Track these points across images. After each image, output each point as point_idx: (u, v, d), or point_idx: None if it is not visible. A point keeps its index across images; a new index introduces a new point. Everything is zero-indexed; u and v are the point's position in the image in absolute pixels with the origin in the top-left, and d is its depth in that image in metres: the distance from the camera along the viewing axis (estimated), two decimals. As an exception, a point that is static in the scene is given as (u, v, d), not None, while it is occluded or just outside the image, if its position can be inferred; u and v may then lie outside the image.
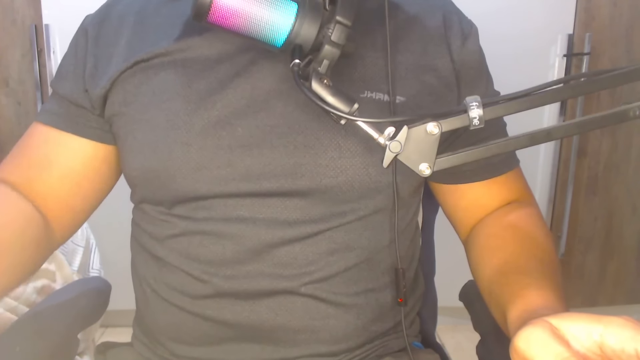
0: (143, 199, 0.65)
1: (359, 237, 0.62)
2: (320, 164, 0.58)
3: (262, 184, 0.58)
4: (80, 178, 0.65)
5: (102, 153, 0.65)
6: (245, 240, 0.59)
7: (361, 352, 0.65)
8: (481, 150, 0.48)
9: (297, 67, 0.49)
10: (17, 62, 1.62)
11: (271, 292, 0.60)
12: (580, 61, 1.72)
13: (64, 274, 1.13)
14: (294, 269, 0.60)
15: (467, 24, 0.66)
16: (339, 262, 0.61)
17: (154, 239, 0.64)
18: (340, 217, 0.60)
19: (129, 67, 0.61)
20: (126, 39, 0.63)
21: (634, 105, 0.45)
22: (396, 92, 0.60)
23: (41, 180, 0.63)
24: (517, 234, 0.61)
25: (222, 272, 0.60)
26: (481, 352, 0.70)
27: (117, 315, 1.30)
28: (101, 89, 0.61)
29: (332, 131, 0.58)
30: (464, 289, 0.75)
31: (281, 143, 0.58)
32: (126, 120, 0.61)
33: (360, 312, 0.63)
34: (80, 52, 0.64)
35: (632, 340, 0.34)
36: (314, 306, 0.61)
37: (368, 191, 0.60)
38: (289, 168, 0.58)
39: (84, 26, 0.66)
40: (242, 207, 0.59)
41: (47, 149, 0.64)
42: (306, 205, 0.59)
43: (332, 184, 0.58)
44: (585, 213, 1.86)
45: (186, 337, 0.64)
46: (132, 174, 0.62)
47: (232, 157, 0.58)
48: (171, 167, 0.58)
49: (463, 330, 1.09)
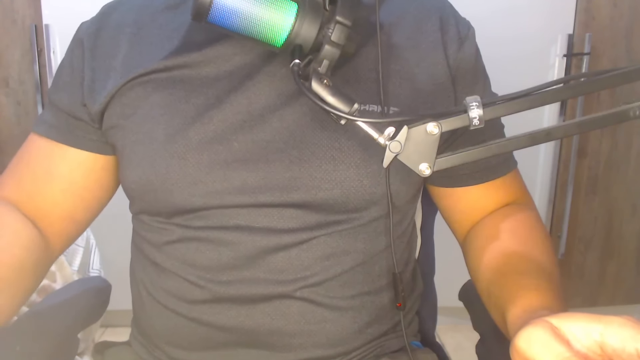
0: (141, 210, 0.65)
1: (355, 241, 0.62)
2: (315, 177, 0.58)
3: (258, 197, 0.58)
4: (82, 190, 0.65)
5: (101, 164, 0.65)
6: (241, 247, 0.59)
7: (358, 354, 0.65)
8: (481, 150, 0.48)
9: (297, 67, 0.49)
10: (17, 62, 1.62)
11: (267, 297, 0.60)
12: (580, 61, 1.72)
13: (64, 274, 1.13)
14: (289, 274, 0.60)
15: (464, 27, 0.65)
16: (335, 266, 0.61)
17: (152, 246, 0.64)
18: (336, 225, 0.60)
19: (127, 81, 0.61)
20: (124, 52, 0.62)
21: (634, 105, 0.45)
22: (390, 102, 0.60)
23: (43, 195, 0.64)
24: (515, 236, 0.61)
25: (218, 278, 0.60)
26: (481, 351, 0.70)
27: (117, 315, 1.30)
28: (99, 105, 0.61)
29: (327, 144, 0.58)
30: (464, 289, 0.74)
31: (277, 157, 0.58)
32: (124, 134, 0.61)
33: (356, 315, 0.63)
34: (76, 63, 0.64)
35: (632, 340, 0.34)
36: (309, 310, 0.61)
37: (363, 202, 0.60)
38: (285, 182, 0.58)
39: (79, 36, 0.65)
40: (238, 217, 0.59)
41: (48, 163, 0.64)
42: (302, 214, 0.59)
43: (327, 197, 0.58)
44: (585, 213, 1.86)
45: (183, 341, 0.64)
46: (131, 187, 0.62)
47: (228, 172, 0.58)
48: (168, 181, 0.58)
49: (463, 330, 1.09)
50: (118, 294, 0.85)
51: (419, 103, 0.61)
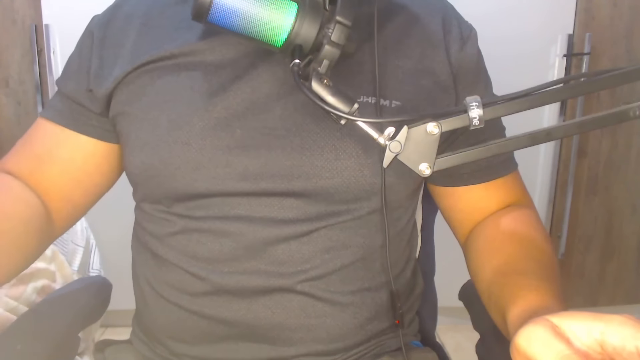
0: (144, 197, 0.66)
1: (355, 235, 0.62)
2: (316, 165, 0.58)
3: (259, 184, 0.59)
4: (80, 173, 0.67)
5: (102, 150, 0.67)
6: (242, 238, 0.60)
7: (358, 351, 0.65)
8: (481, 150, 0.48)
9: (297, 67, 0.49)
10: (17, 62, 1.62)
11: (267, 289, 0.60)
12: (580, 61, 1.72)
13: (64, 274, 1.13)
14: (290, 266, 0.60)
15: (466, 28, 0.66)
16: (335, 260, 0.61)
17: (154, 238, 0.65)
18: (336, 216, 0.61)
19: (134, 68, 0.62)
20: (132, 40, 0.64)
21: (634, 105, 0.45)
22: (392, 96, 0.60)
23: (43, 172, 0.66)
24: (515, 236, 0.61)
25: (219, 269, 0.61)
26: (481, 351, 0.70)
27: (117, 315, 1.30)
28: (106, 89, 0.63)
29: (329, 133, 0.59)
30: (464, 289, 0.75)
31: (279, 145, 0.59)
32: (130, 120, 0.62)
33: (356, 311, 0.63)
34: (84, 52, 0.66)
35: (633, 338, 0.34)
36: (310, 304, 0.61)
37: (363, 192, 0.60)
38: (286, 169, 0.59)
39: (90, 28, 0.67)
40: (239, 206, 0.60)
41: (50, 144, 0.66)
42: (302, 204, 0.60)
43: (327, 185, 0.59)
44: (585, 213, 1.86)
45: (185, 335, 0.65)
46: (134, 172, 0.63)
47: (230, 158, 0.59)
48: (171, 165, 0.59)
49: (463, 330, 1.09)
50: (118, 294, 0.85)
51: (421, 99, 0.62)
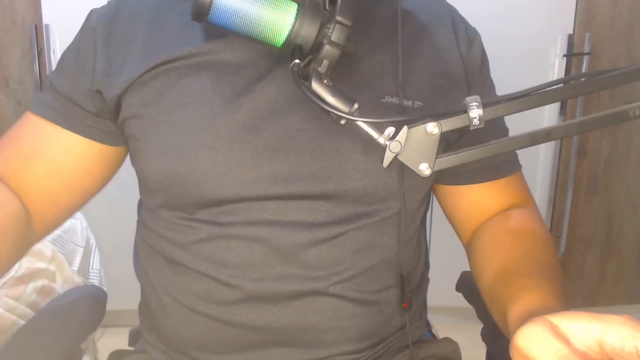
0: (163, 204, 0.62)
1: (381, 236, 0.62)
2: (346, 167, 0.58)
3: (289, 187, 0.58)
4: (69, 175, 0.63)
5: (95, 152, 0.63)
6: (273, 242, 0.58)
7: (383, 346, 0.66)
8: (481, 150, 0.48)
9: (297, 67, 0.49)
10: (17, 62, 1.62)
11: (300, 293, 0.60)
12: (580, 61, 1.72)
13: (64, 274, 1.13)
14: (321, 270, 0.60)
15: (471, 31, 0.67)
16: (363, 261, 0.62)
17: (175, 245, 0.62)
18: (365, 218, 0.61)
19: (150, 68, 0.59)
20: (142, 38, 0.60)
21: (634, 105, 0.45)
22: (415, 97, 0.61)
23: (27, 172, 0.61)
24: (517, 237, 0.61)
25: (250, 275, 0.59)
26: (486, 336, 0.70)
27: (117, 315, 1.30)
28: (117, 89, 0.59)
29: (357, 135, 0.58)
30: (461, 280, 0.75)
31: (308, 147, 0.58)
32: (146, 123, 0.59)
33: (382, 308, 0.64)
34: (83, 49, 0.62)
35: (632, 338, 0.34)
36: (341, 306, 0.61)
37: (391, 194, 0.60)
38: (316, 172, 0.58)
39: (90, 24, 0.63)
40: (268, 210, 0.58)
41: (38, 142, 0.62)
42: (332, 207, 0.59)
43: (357, 187, 0.59)
44: (585, 213, 1.86)
45: (213, 345, 0.63)
46: (155, 178, 0.60)
47: (259, 161, 0.57)
48: (197, 171, 0.57)
49: (463, 330, 1.09)
50: (118, 294, 0.85)
51: (439, 99, 0.62)
